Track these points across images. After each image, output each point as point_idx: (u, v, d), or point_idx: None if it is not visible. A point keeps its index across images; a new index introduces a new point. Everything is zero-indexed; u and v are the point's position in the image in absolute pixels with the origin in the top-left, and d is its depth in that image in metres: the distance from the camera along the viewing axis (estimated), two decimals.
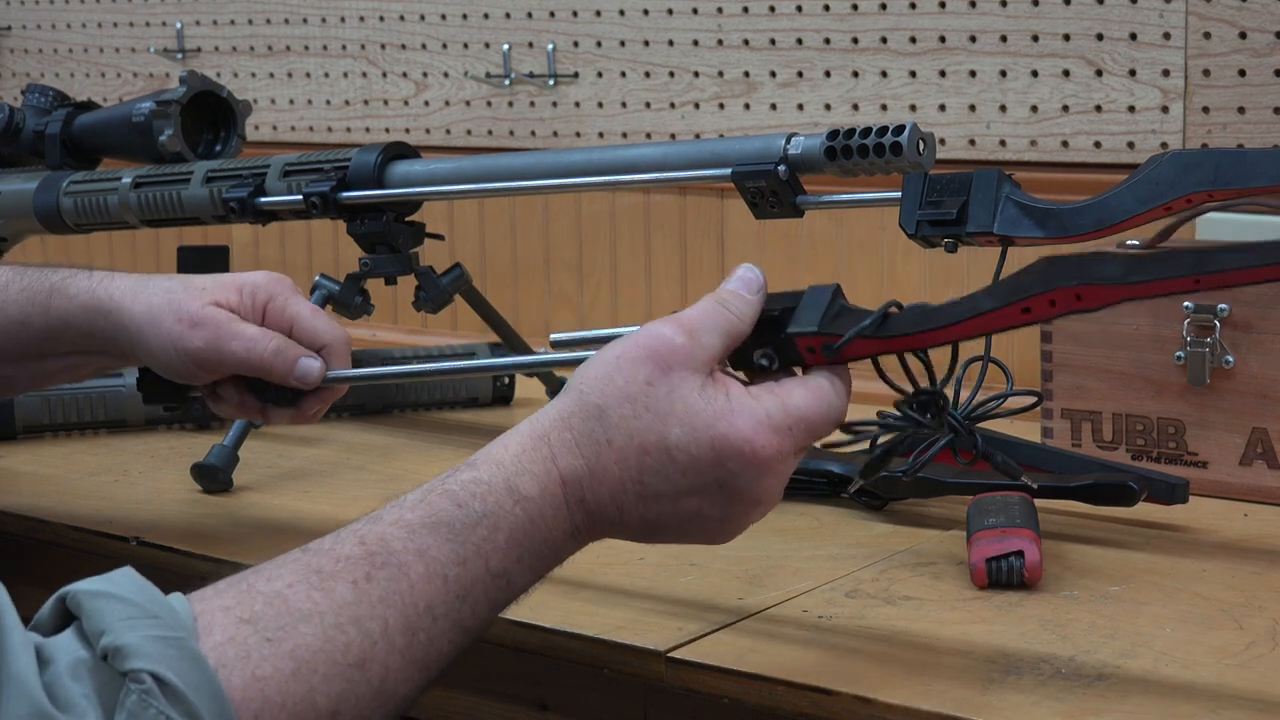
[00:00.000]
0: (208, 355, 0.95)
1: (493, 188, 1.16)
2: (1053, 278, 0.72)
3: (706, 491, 0.73)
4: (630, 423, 0.72)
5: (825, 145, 0.98)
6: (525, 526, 0.71)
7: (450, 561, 0.69)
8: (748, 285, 0.77)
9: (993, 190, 0.91)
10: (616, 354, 0.73)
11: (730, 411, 0.72)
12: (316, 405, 0.98)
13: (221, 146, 1.32)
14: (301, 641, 0.64)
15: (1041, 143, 1.36)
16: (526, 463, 0.72)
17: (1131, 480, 1.00)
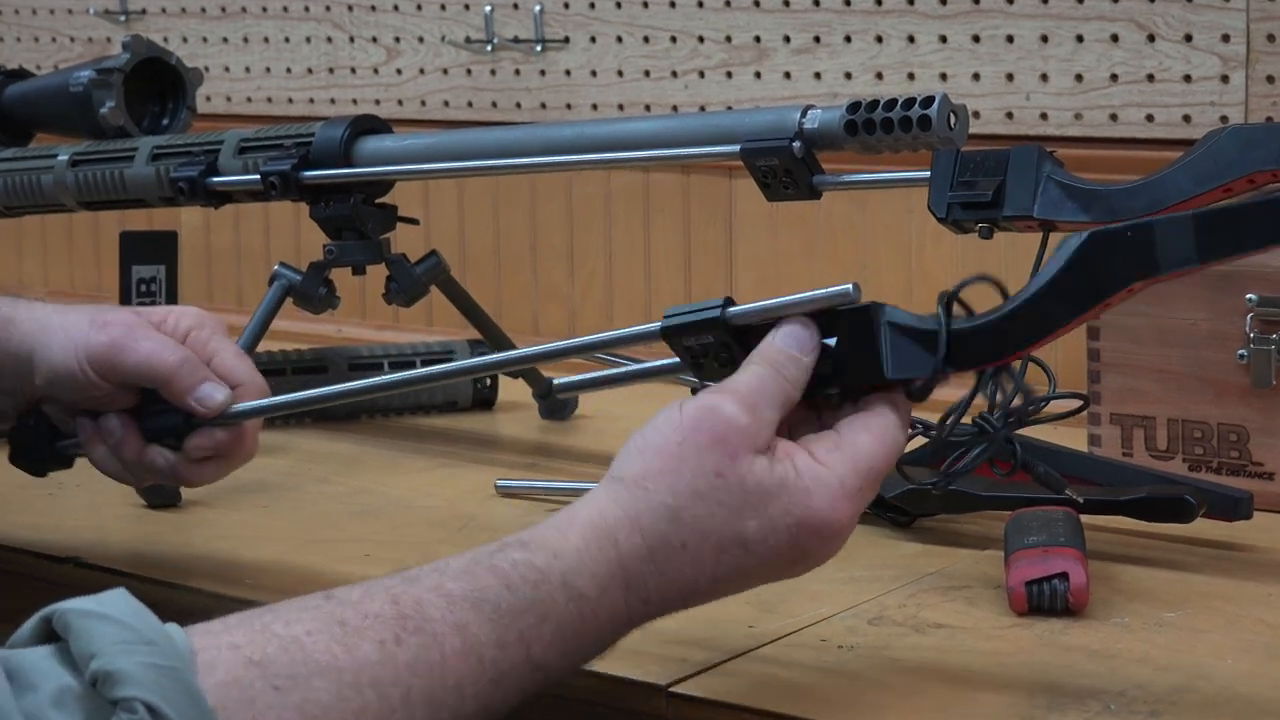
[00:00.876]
0: (109, 354, 0.95)
1: (473, 166, 1.16)
2: (1128, 269, 0.73)
3: (778, 570, 0.77)
4: (704, 523, 0.74)
5: (845, 119, 0.98)
6: (575, 622, 0.73)
7: (490, 643, 0.70)
8: (800, 345, 0.78)
9: (1032, 169, 0.91)
10: (676, 439, 0.75)
11: (804, 490, 0.75)
12: (208, 446, 0.96)
13: (169, 120, 1.32)
14: (313, 696, 0.64)
15: (1087, 116, 1.36)
16: (589, 561, 0.74)
17: (1189, 493, 1.00)
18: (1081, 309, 0.74)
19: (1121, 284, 0.73)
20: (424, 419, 1.39)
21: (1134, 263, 0.73)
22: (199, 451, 0.96)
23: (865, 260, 1.45)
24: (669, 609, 0.76)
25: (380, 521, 1.12)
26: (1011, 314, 0.75)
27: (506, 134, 1.16)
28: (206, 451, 0.96)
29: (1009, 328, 0.76)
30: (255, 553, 1.05)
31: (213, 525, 1.12)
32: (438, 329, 1.62)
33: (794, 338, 0.78)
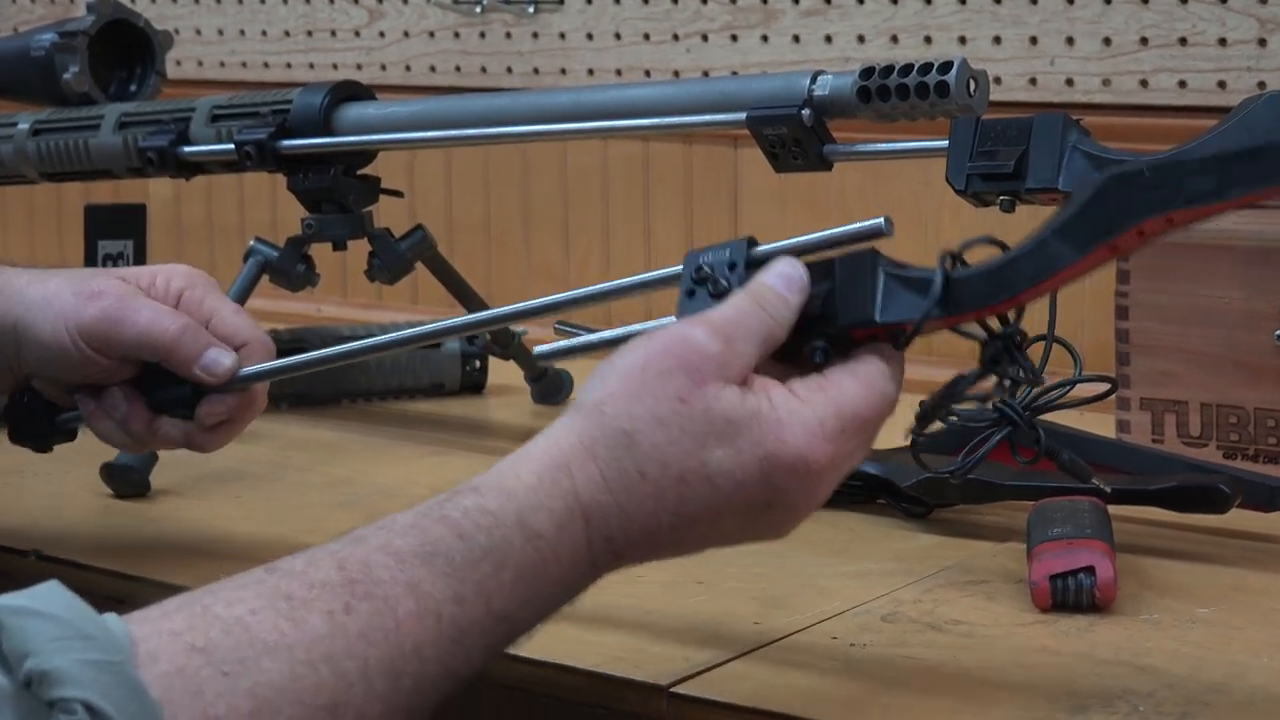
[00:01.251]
0: (104, 329, 0.94)
1: (461, 135, 1.16)
2: (1136, 207, 0.72)
3: (752, 512, 0.74)
4: (665, 450, 0.73)
5: (858, 85, 0.98)
6: (536, 566, 0.71)
7: (446, 599, 0.69)
8: (789, 284, 0.77)
9: (1057, 138, 0.91)
10: (640, 363, 0.74)
11: (778, 422, 0.73)
12: (221, 411, 0.96)
13: (137, 86, 1.32)
14: (264, 679, 0.64)
15: (1115, 82, 1.36)
16: (543, 496, 0.72)
17: (1223, 483, 1.00)
18: (1086, 247, 0.74)
19: (1131, 220, 0.73)
20: (409, 403, 1.39)
21: (1147, 199, 0.73)
22: (212, 418, 0.96)
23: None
24: (635, 552, 0.74)
25: (362, 513, 1.11)
26: (1014, 259, 0.75)
27: (497, 101, 1.16)
28: (220, 417, 0.96)
29: (1010, 270, 0.75)
30: (228, 546, 1.06)
31: (183, 517, 1.12)
32: (423, 308, 1.63)
33: (783, 277, 0.77)
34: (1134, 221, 0.72)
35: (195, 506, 1.14)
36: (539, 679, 0.87)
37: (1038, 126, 0.92)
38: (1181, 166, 0.72)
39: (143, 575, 1.01)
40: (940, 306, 0.76)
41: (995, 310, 0.76)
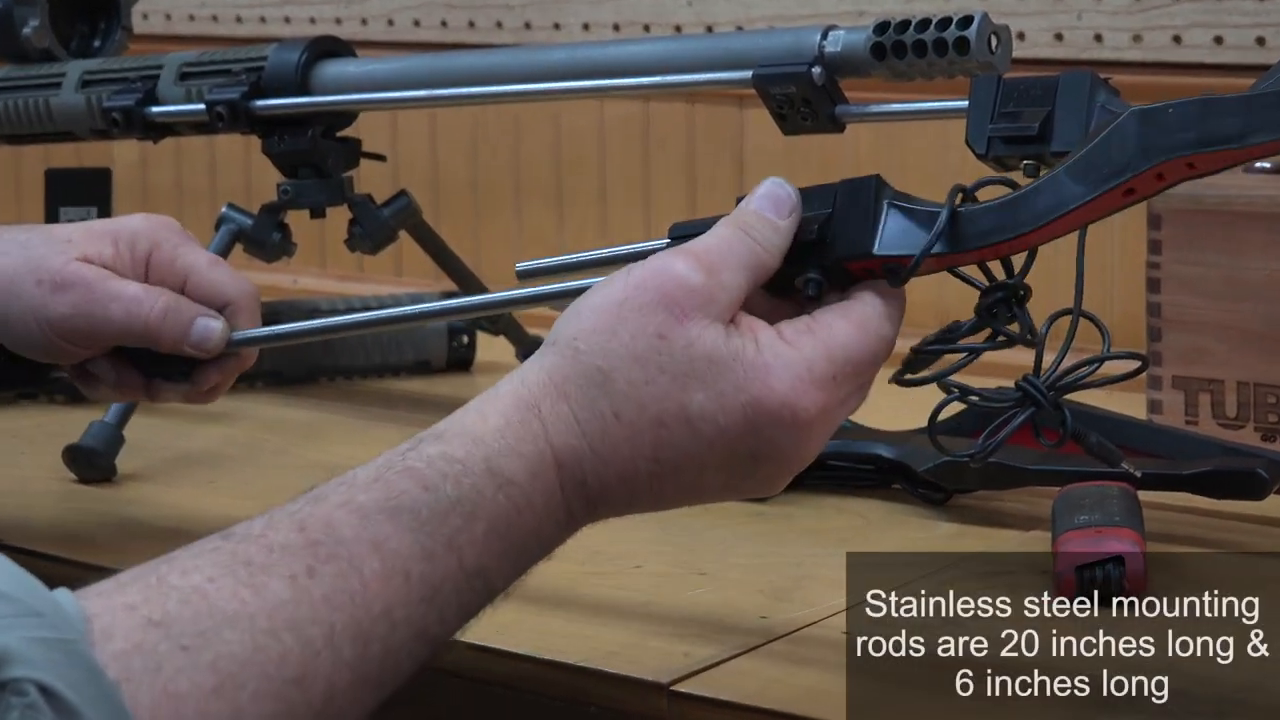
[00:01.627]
0: (77, 325, 0.94)
1: (448, 94, 1.16)
2: (1156, 148, 0.72)
3: (737, 464, 0.73)
4: (641, 390, 0.72)
5: (872, 41, 0.98)
6: (509, 516, 0.71)
7: (414, 556, 0.68)
8: (776, 206, 0.77)
9: (1084, 98, 0.91)
10: (618, 298, 0.73)
11: (764, 367, 0.72)
12: (216, 377, 0.97)
13: (101, 42, 1.32)
14: (226, 650, 0.64)
15: (1147, 38, 1.36)
16: (512, 439, 0.71)
17: (1261, 467, 1.00)
18: (1100, 186, 0.73)
19: (1149, 160, 0.72)
20: (393, 382, 1.39)
21: (1167, 139, 0.72)
22: (210, 383, 0.97)
23: None
24: (612, 500, 0.73)
25: None
26: (1023, 194, 0.75)
27: (486, 58, 1.16)
28: (216, 380, 0.97)
29: (1019, 207, 0.75)
30: (200, 534, 1.05)
31: (152, 503, 1.12)
32: (408, 280, 1.63)
33: (769, 198, 0.76)
34: (1152, 162, 0.72)
35: (164, 492, 1.14)
36: (530, 676, 0.87)
37: (1064, 86, 0.91)
38: (1207, 107, 0.71)
39: (109, 565, 1.00)
40: (943, 241, 0.75)
41: (1000, 249, 0.76)
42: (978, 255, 0.77)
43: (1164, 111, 0.72)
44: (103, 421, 1.16)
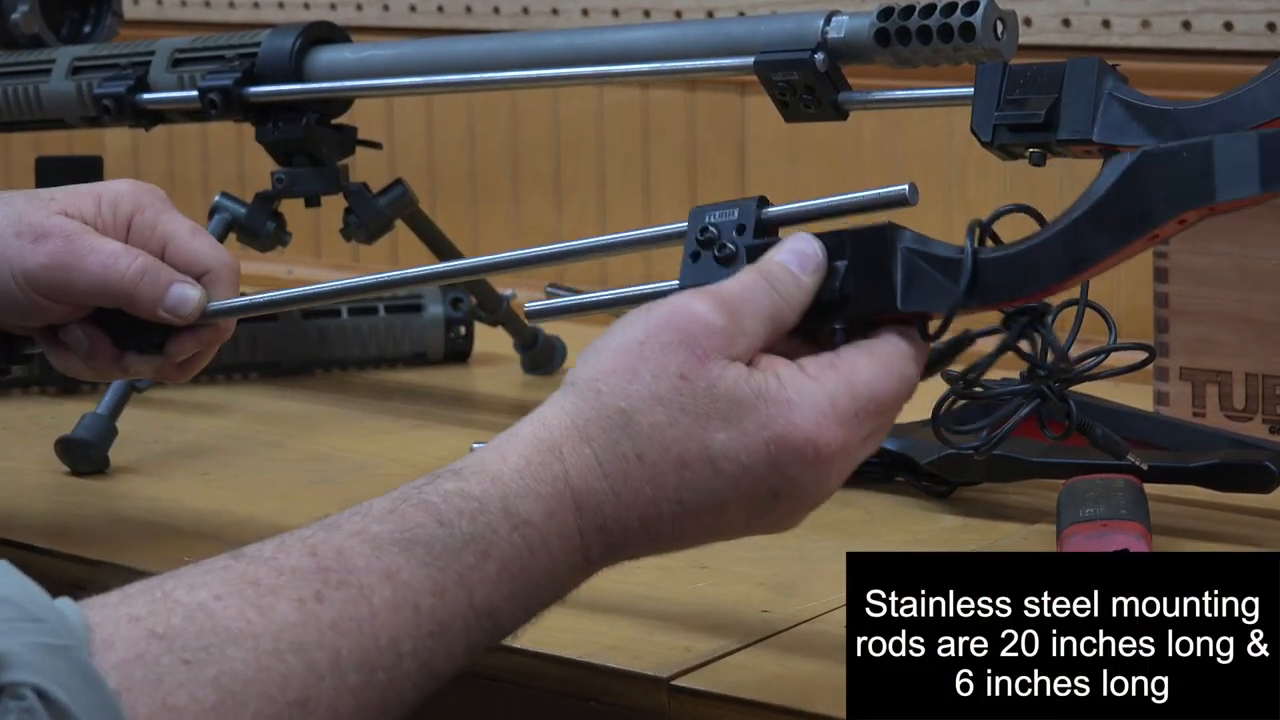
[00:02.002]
0: (54, 276, 0.94)
1: (445, 81, 1.16)
2: (1178, 198, 0.72)
3: (758, 501, 0.74)
4: (664, 431, 0.72)
5: (875, 27, 0.98)
6: (523, 557, 0.71)
7: (425, 590, 0.69)
8: (802, 262, 0.77)
9: (1092, 85, 0.91)
10: (639, 338, 0.74)
11: (786, 402, 0.73)
12: (193, 346, 0.96)
13: (92, 27, 1.32)
14: (229, 668, 0.64)
15: (1156, 23, 1.36)
16: (531, 480, 0.72)
17: (1269, 460, 1.00)
18: (1126, 239, 0.74)
19: (1172, 212, 0.73)
20: (389, 373, 1.39)
21: (1188, 187, 0.73)
22: (183, 354, 0.96)
23: None
24: (632, 544, 0.74)
25: (339, 491, 1.12)
26: (1046, 242, 0.75)
27: (483, 43, 1.16)
28: (190, 351, 0.96)
29: (1042, 257, 0.75)
30: (195, 527, 1.06)
31: (145, 495, 1.12)
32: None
33: (797, 254, 0.77)
34: (1175, 214, 0.73)
35: (158, 485, 1.14)
36: (530, 670, 0.87)
37: (1071, 72, 0.92)
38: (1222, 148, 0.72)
39: (103, 559, 1.01)
40: (968, 294, 0.76)
41: (1025, 302, 0.77)
42: (1001, 307, 0.77)
43: (1178, 156, 0.73)
44: (95, 414, 1.16)
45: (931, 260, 0.77)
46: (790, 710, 0.81)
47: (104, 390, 1.18)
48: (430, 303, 1.39)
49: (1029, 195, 1.41)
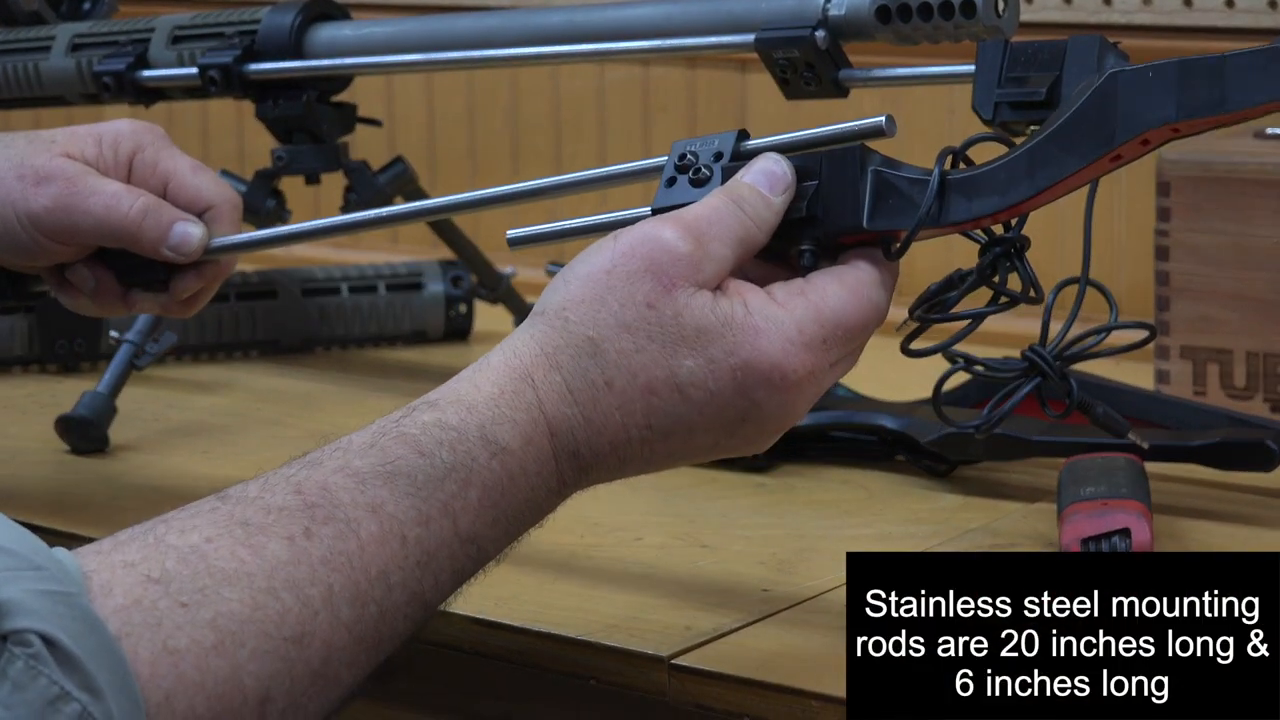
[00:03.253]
0: (57, 219, 0.94)
1: (444, 58, 1.16)
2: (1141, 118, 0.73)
3: (725, 425, 0.75)
4: (632, 358, 0.74)
5: (876, 4, 0.97)
6: (503, 483, 0.73)
7: (411, 520, 0.70)
8: (771, 183, 0.78)
9: (1093, 63, 0.91)
10: (605, 266, 0.75)
11: (753, 330, 0.74)
12: (196, 284, 0.97)
13: (91, 4, 1.32)
14: (225, 609, 0.65)
15: (1157, 1, 1.36)
16: (505, 408, 0.73)
17: (1270, 439, 1.00)
18: (1089, 156, 0.74)
19: (1135, 130, 0.74)
20: (388, 351, 1.39)
21: (1151, 104, 0.73)
22: (187, 291, 0.97)
23: None
24: (603, 467, 0.75)
25: None
26: (1011, 161, 0.76)
27: (483, 20, 1.16)
28: (195, 288, 0.97)
29: (1007, 176, 0.76)
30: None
31: (145, 473, 1.12)
32: (404, 247, 1.63)
33: (765, 174, 0.78)
34: (1137, 132, 0.73)
35: (158, 462, 1.14)
36: (525, 649, 0.87)
37: (1072, 50, 0.91)
38: (1185, 70, 0.73)
39: (102, 536, 1.01)
40: (931, 212, 0.76)
41: (992, 221, 0.77)
42: (970, 225, 0.77)
43: (1144, 75, 0.74)
44: (95, 392, 1.16)
45: (899, 181, 0.77)
46: (790, 689, 0.81)
47: (104, 368, 1.18)
48: (430, 281, 1.39)
49: None
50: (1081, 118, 0.75)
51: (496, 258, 1.38)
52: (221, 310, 1.34)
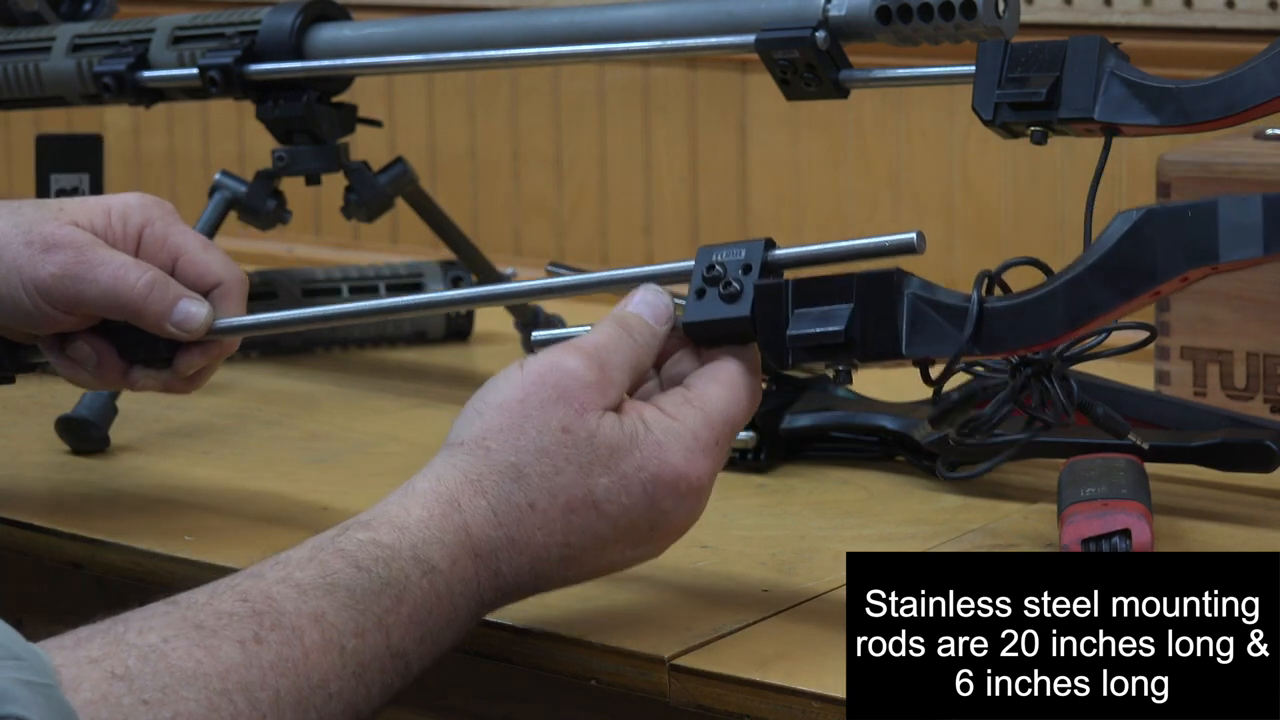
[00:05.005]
0: (64, 287, 0.94)
1: (445, 59, 1.16)
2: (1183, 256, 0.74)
3: (637, 535, 0.81)
4: (552, 480, 0.79)
5: (877, 5, 0.98)
6: (431, 601, 0.77)
7: (349, 631, 0.74)
8: (655, 314, 0.84)
9: (1093, 64, 0.91)
10: (519, 395, 0.80)
11: (656, 444, 0.80)
12: (200, 361, 0.97)
13: (92, 5, 1.32)
14: (184, 709, 0.68)
15: (1157, 1, 1.36)
16: (435, 530, 0.78)
17: (1270, 439, 1.00)
18: (1129, 295, 0.76)
19: (1175, 270, 0.75)
20: (389, 352, 1.39)
21: (1192, 247, 0.74)
22: (191, 368, 0.97)
23: (900, 169, 1.45)
24: (521, 586, 0.80)
25: (339, 470, 1.12)
26: (1050, 294, 0.76)
27: (483, 21, 1.16)
28: (199, 366, 0.97)
29: (1046, 309, 0.77)
30: (195, 505, 1.06)
31: (146, 473, 1.12)
32: (404, 248, 1.63)
33: (647, 305, 0.84)
34: (1179, 272, 0.74)
35: (159, 463, 1.14)
36: (524, 650, 0.87)
37: (1072, 50, 0.92)
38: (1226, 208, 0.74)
39: (103, 538, 1.01)
40: (971, 342, 0.77)
41: (1028, 352, 0.78)
42: (1003, 356, 0.79)
43: (1183, 216, 0.74)
44: (96, 392, 1.16)
45: (937, 307, 0.78)
46: (791, 690, 0.81)
47: None
48: (431, 281, 1.39)
49: (1031, 174, 1.41)
50: (1120, 255, 0.76)
51: (497, 258, 1.38)
52: None
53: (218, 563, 0.96)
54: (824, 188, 1.48)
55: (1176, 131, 0.88)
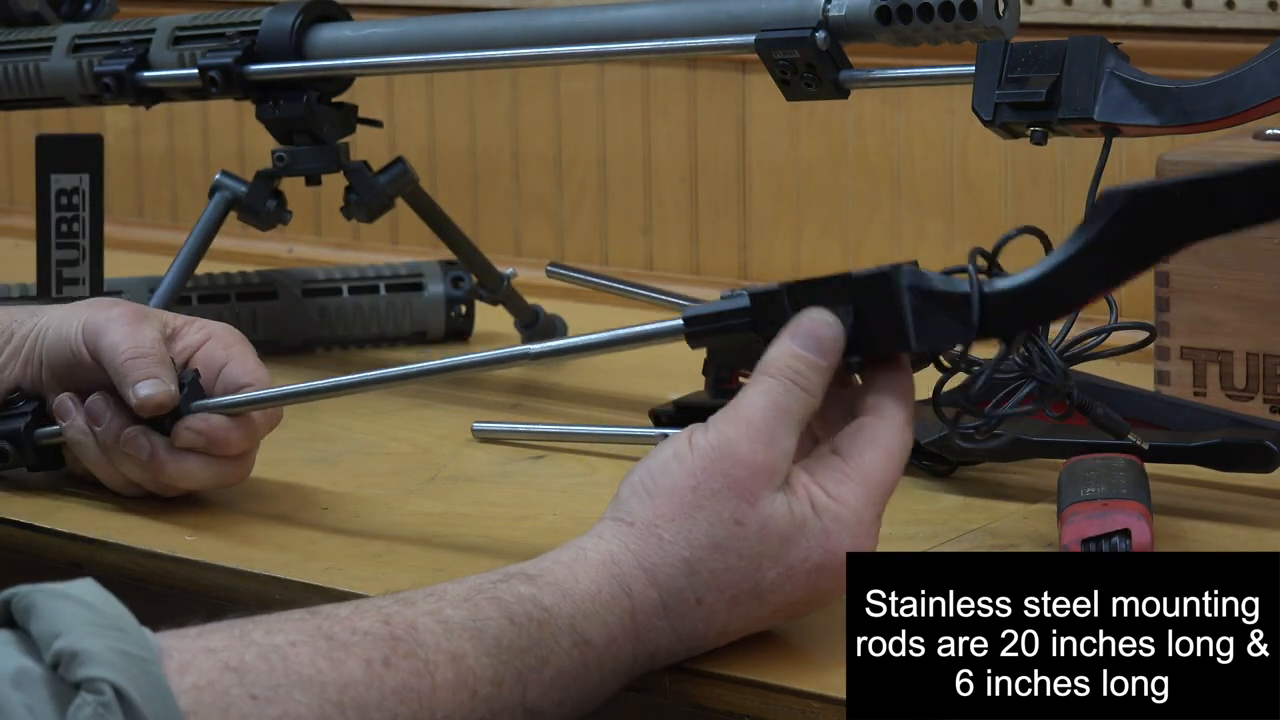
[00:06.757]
0: (94, 331, 0.99)
1: (445, 59, 1.16)
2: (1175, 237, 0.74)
3: (794, 610, 0.81)
4: (721, 576, 0.79)
5: (877, 5, 0.98)
6: (578, 671, 0.77)
7: (485, 679, 0.74)
8: (821, 348, 0.80)
9: (1093, 64, 0.91)
10: (689, 483, 0.79)
11: (824, 533, 0.79)
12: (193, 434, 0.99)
13: (92, 5, 1.32)
14: (293, 710, 0.68)
15: (1157, 1, 1.36)
16: (600, 608, 0.78)
17: (1270, 439, 1.00)
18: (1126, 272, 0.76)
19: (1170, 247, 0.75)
20: (389, 352, 1.39)
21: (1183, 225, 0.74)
22: (184, 439, 0.99)
23: (900, 170, 1.45)
24: (673, 661, 0.80)
25: (339, 470, 1.12)
26: (1051, 272, 0.76)
27: (483, 21, 1.16)
28: (192, 439, 0.99)
29: (1047, 288, 0.77)
30: (193, 507, 1.06)
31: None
32: (404, 248, 1.63)
33: (813, 339, 0.80)
34: (1173, 249, 0.75)
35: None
36: None
37: (1072, 50, 0.92)
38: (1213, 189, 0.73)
39: (104, 538, 1.01)
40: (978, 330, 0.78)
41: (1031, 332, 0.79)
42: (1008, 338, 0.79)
43: (1170, 194, 0.74)
44: None
45: (937, 297, 0.78)
46: (790, 689, 0.81)
47: None
48: (431, 281, 1.39)
49: (1031, 173, 1.41)
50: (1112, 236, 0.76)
51: (497, 258, 1.38)
52: (222, 311, 1.34)
53: (218, 563, 0.96)
54: (824, 188, 1.48)
55: (1176, 132, 0.88)
